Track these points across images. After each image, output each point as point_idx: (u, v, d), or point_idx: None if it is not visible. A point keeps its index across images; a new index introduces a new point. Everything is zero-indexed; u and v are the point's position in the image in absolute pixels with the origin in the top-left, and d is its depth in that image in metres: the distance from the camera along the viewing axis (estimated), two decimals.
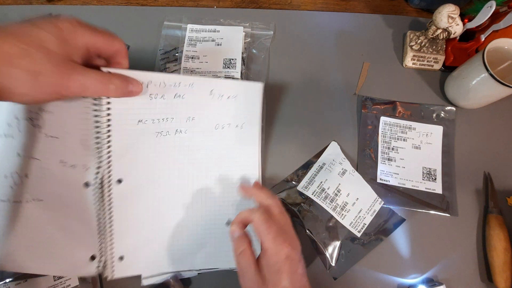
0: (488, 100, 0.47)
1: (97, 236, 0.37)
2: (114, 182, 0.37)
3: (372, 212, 0.44)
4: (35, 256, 0.35)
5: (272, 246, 0.30)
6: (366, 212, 0.44)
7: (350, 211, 0.43)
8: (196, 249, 0.40)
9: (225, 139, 0.41)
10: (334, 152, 0.47)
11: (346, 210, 0.43)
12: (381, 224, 0.44)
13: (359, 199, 0.44)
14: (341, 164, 0.46)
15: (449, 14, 0.45)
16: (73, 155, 0.35)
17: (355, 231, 0.43)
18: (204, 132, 0.40)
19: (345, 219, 0.43)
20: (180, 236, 0.40)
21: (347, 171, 0.45)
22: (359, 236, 0.43)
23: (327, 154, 0.46)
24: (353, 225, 0.43)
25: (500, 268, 0.41)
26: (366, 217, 0.43)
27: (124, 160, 0.37)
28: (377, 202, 0.44)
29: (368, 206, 0.44)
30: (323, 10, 0.57)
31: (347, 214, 0.43)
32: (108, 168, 0.36)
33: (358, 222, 0.43)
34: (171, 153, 0.39)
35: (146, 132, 0.38)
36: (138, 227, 0.39)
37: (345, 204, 0.44)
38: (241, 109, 0.40)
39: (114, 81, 0.30)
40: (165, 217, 0.40)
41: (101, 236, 0.37)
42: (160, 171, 0.39)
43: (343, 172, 0.45)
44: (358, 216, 0.43)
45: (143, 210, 0.39)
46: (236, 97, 0.40)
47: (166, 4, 0.56)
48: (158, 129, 0.38)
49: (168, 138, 0.39)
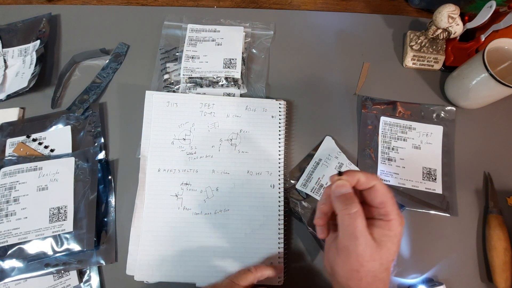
0: (488, 100, 0.47)
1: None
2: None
3: None
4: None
5: (397, 217, 0.29)
6: None
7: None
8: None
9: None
10: (329, 147, 0.47)
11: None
12: None
13: None
14: (337, 158, 0.46)
15: (449, 14, 0.45)
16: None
17: None
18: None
19: None
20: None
21: (344, 164, 0.45)
22: None
23: (322, 149, 0.46)
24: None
25: (500, 268, 0.41)
26: None
27: None
28: None
29: None
30: (323, 10, 0.57)
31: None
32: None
33: None
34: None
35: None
36: None
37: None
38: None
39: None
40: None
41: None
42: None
43: (340, 166, 0.45)
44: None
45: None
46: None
47: (166, 4, 0.56)
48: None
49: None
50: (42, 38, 0.51)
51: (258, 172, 0.45)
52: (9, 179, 0.42)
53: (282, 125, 0.47)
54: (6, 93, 0.48)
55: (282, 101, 0.48)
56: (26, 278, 0.39)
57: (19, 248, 0.40)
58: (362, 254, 0.27)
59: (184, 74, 0.49)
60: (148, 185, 0.44)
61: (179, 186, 0.44)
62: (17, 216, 0.41)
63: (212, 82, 0.49)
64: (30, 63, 0.49)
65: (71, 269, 0.40)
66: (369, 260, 0.27)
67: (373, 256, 0.27)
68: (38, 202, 0.41)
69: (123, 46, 0.52)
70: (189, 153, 0.45)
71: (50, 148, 0.45)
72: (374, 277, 0.28)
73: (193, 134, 0.46)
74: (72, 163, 0.44)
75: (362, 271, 0.28)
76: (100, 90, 0.49)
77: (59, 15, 0.55)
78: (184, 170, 0.44)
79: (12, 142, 0.45)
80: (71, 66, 0.51)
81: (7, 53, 0.52)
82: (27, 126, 0.46)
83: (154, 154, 0.45)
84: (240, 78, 0.49)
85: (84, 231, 0.40)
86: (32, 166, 0.43)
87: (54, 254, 0.40)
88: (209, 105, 0.47)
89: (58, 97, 0.49)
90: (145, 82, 0.50)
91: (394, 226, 0.28)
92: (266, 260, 0.41)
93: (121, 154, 0.47)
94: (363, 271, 0.28)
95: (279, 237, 0.42)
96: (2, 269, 0.39)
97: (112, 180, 0.45)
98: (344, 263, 0.29)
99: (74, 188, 0.42)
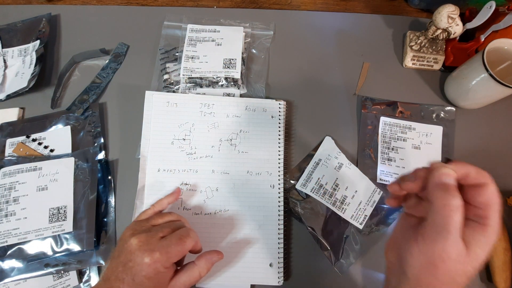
0: (488, 100, 0.47)
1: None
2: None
3: (372, 203, 0.44)
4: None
5: (495, 225, 0.26)
6: (366, 204, 0.44)
7: (350, 204, 0.43)
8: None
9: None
10: (329, 147, 0.47)
11: (346, 204, 0.43)
12: (381, 214, 0.44)
13: (358, 192, 0.44)
14: (337, 158, 0.46)
15: (449, 14, 0.45)
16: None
17: (357, 223, 0.43)
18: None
19: (345, 212, 0.43)
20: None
21: (343, 164, 0.45)
22: (361, 228, 0.43)
23: (322, 149, 0.46)
24: (354, 218, 0.43)
25: (500, 268, 0.40)
26: (367, 209, 0.43)
27: None
28: (376, 192, 0.44)
29: (367, 198, 0.44)
30: (323, 10, 0.57)
31: (347, 208, 0.43)
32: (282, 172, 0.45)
33: (359, 215, 0.43)
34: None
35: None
36: None
37: (344, 197, 0.44)
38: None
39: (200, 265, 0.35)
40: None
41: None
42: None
43: (340, 166, 0.45)
44: (359, 208, 0.43)
45: None
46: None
47: (166, 4, 0.56)
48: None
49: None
50: (42, 38, 0.51)
51: (258, 172, 0.45)
52: (9, 179, 0.42)
53: (282, 125, 0.47)
54: (5, 93, 0.48)
55: (282, 101, 0.48)
56: (26, 278, 0.39)
57: (19, 248, 0.39)
58: (449, 250, 0.25)
59: (184, 74, 0.49)
60: (148, 185, 0.44)
61: (179, 186, 0.44)
62: (16, 216, 0.41)
63: (212, 82, 0.49)
64: (30, 63, 0.49)
65: (70, 269, 0.40)
66: (453, 259, 0.25)
67: (459, 256, 0.25)
68: (38, 202, 0.41)
69: (123, 46, 0.52)
70: (189, 153, 0.45)
71: (50, 148, 0.45)
72: (451, 278, 0.26)
73: (193, 134, 0.46)
74: (72, 163, 0.44)
75: (441, 267, 0.25)
76: (100, 90, 0.49)
77: (59, 15, 0.55)
78: (184, 170, 0.44)
79: (12, 142, 0.45)
80: (71, 66, 0.51)
81: (7, 53, 0.52)
82: (26, 126, 0.46)
83: (154, 154, 0.45)
84: (240, 78, 0.49)
85: (84, 231, 0.40)
86: (32, 166, 0.43)
87: (53, 254, 0.40)
88: (209, 105, 0.47)
89: (57, 97, 0.49)
90: (145, 82, 0.50)
91: (489, 233, 0.26)
92: (266, 260, 0.41)
93: (121, 154, 0.47)
94: (442, 267, 0.25)
95: (279, 237, 0.42)
96: (2, 269, 0.39)
97: (112, 180, 0.45)
98: (423, 254, 0.26)
99: (74, 188, 0.42)
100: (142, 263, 0.31)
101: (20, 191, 0.42)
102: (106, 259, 0.41)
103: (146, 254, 0.31)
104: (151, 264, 0.31)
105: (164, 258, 0.31)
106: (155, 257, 0.31)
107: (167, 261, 0.31)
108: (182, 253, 0.33)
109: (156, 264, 0.31)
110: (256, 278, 0.41)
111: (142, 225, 0.35)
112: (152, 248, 0.31)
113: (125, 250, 0.32)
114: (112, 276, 0.31)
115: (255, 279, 0.41)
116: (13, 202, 0.41)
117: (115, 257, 0.32)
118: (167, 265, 0.32)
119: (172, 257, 0.32)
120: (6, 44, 0.52)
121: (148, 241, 0.32)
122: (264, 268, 0.41)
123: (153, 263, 0.31)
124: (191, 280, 0.34)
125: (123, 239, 0.33)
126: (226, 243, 0.42)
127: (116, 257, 0.32)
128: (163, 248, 0.32)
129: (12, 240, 0.40)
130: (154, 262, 0.31)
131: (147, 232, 0.33)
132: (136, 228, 0.34)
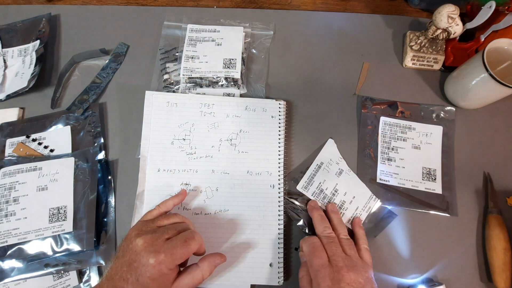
0: (488, 100, 0.47)
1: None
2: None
3: (368, 209, 0.44)
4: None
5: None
6: (362, 209, 0.44)
7: (347, 209, 0.44)
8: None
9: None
10: (332, 151, 0.47)
11: (344, 209, 0.44)
12: (373, 219, 0.44)
13: (356, 198, 0.44)
14: (338, 164, 0.46)
15: (449, 14, 0.45)
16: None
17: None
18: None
19: (343, 217, 0.44)
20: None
21: (344, 171, 0.46)
22: None
23: (325, 152, 0.47)
24: (351, 222, 0.44)
25: (500, 268, 0.41)
26: (362, 214, 0.44)
27: None
28: (372, 199, 0.45)
29: (363, 204, 0.44)
30: (323, 10, 0.57)
31: (345, 212, 0.44)
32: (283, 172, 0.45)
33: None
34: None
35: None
36: None
37: (343, 202, 0.44)
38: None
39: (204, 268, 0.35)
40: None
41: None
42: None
43: (340, 172, 0.45)
44: (355, 213, 0.44)
45: None
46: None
47: (166, 4, 0.56)
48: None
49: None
50: (42, 38, 0.51)
51: (258, 172, 0.45)
52: (9, 179, 0.42)
53: (282, 125, 0.47)
54: (5, 93, 0.48)
55: (282, 101, 0.48)
56: (26, 278, 0.39)
57: (19, 248, 0.39)
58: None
59: (184, 74, 0.49)
60: (148, 185, 0.44)
61: (179, 186, 0.44)
62: (16, 216, 0.41)
63: (212, 82, 0.49)
64: (30, 63, 0.49)
65: (70, 269, 0.40)
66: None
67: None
68: (38, 202, 0.41)
69: (122, 46, 0.52)
70: (189, 153, 0.45)
71: (50, 148, 0.45)
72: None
73: (193, 134, 0.46)
74: (72, 163, 0.44)
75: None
76: (100, 90, 0.49)
77: (59, 15, 0.55)
78: (184, 170, 0.44)
79: (12, 142, 0.45)
80: (70, 66, 0.51)
81: (7, 53, 0.52)
82: (26, 126, 0.46)
83: (154, 154, 0.45)
84: (240, 78, 0.49)
85: (84, 231, 0.40)
86: (32, 166, 0.43)
87: (53, 254, 0.40)
88: (209, 105, 0.47)
89: (57, 97, 0.49)
90: (145, 82, 0.50)
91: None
92: (266, 260, 0.41)
93: (121, 154, 0.47)
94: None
95: (279, 237, 0.42)
96: (2, 269, 0.39)
97: (112, 180, 0.45)
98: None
99: (74, 188, 0.42)
100: (147, 264, 0.31)
101: (20, 191, 0.42)
102: (106, 259, 0.41)
103: (151, 255, 0.31)
104: (155, 265, 0.31)
105: (169, 260, 0.31)
106: (160, 258, 0.31)
107: (172, 263, 0.32)
108: (186, 255, 0.33)
109: (161, 266, 0.31)
110: (256, 278, 0.41)
111: (147, 226, 0.35)
112: (157, 249, 0.31)
113: (130, 250, 0.32)
114: (116, 276, 0.31)
115: (255, 279, 0.41)
116: (13, 202, 0.41)
117: (120, 257, 0.32)
118: (171, 266, 0.32)
119: (177, 259, 0.32)
120: (6, 44, 0.52)
121: (153, 242, 0.32)
122: (264, 268, 0.41)
123: (158, 264, 0.31)
124: (194, 282, 0.34)
125: (128, 239, 0.33)
126: (226, 243, 0.42)
127: (120, 257, 0.32)
128: (168, 250, 0.32)
129: (12, 240, 0.40)
130: (159, 264, 0.31)
131: (153, 233, 0.33)
132: (142, 228, 0.34)
